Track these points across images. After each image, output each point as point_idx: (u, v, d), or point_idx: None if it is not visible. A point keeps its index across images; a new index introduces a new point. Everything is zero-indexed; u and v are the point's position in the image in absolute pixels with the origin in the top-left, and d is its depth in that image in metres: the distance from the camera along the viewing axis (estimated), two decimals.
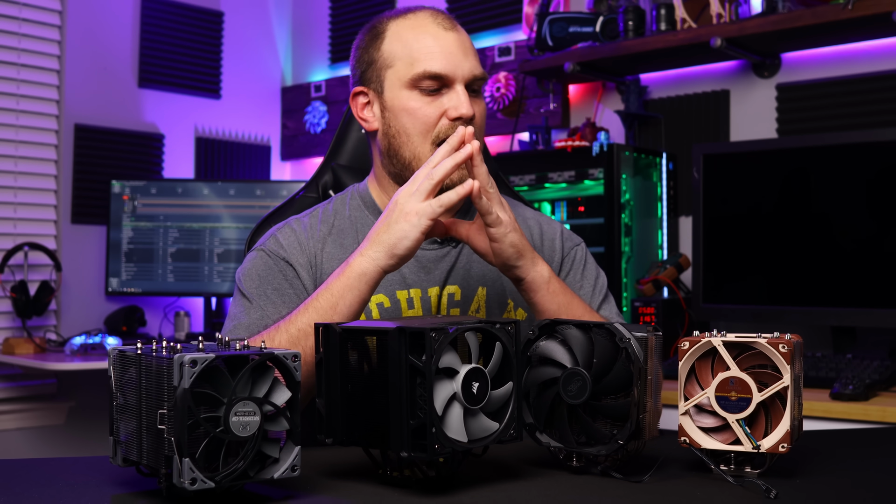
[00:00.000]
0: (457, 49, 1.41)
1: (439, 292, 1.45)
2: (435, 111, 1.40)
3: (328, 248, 1.46)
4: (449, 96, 1.39)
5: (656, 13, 2.78)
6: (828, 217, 2.43)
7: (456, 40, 1.42)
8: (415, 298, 1.44)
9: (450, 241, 1.47)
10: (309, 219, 1.50)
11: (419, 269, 1.45)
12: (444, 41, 1.41)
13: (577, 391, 1.04)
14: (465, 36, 1.44)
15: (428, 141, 1.40)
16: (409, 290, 1.44)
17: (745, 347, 1.03)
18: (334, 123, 4.03)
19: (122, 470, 1.02)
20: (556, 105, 3.24)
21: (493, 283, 1.47)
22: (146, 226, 3.56)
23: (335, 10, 4.10)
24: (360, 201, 1.51)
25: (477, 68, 1.42)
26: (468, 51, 1.42)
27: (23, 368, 3.34)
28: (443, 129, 1.40)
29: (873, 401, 2.06)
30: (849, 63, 2.68)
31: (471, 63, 1.41)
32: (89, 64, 3.62)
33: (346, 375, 1.01)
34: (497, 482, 1.02)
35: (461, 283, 1.46)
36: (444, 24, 1.43)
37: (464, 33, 1.45)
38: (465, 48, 1.42)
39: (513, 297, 1.46)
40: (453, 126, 1.38)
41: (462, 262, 1.47)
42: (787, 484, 1.01)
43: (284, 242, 1.45)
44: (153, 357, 0.92)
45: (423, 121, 1.40)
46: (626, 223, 2.74)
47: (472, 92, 1.42)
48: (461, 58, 1.40)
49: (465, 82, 1.40)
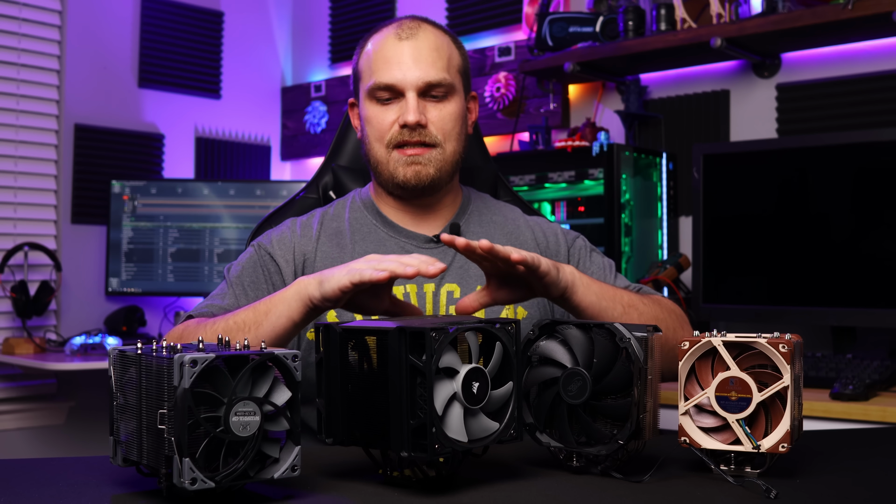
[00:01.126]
0: (408, 58, 1.46)
1: (435, 289, 1.48)
2: (388, 118, 1.48)
3: (323, 248, 1.51)
4: (401, 104, 1.47)
5: (656, 13, 2.78)
6: (828, 217, 2.43)
7: (410, 49, 1.47)
8: (411, 293, 1.47)
9: None
10: (307, 218, 1.56)
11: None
12: (395, 51, 1.47)
13: (578, 391, 1.04)
14: (425, 42, 1.47)
15: (383, 146, 1.48)
16: (406, 286, 1.47)
17: (746, 347, 1.03)
18: (334, 123, 4.03)
19: (122, 470, 1.02)
20: (556, 105, 3.24)
21: None
22: (146, 226, 3.56)
23: (335, 10, 4.10)
24: (361, 204, 1.57)
25: (430, 74, 1.46)
26: (421, 59, 1.46)
27: (23, 368, 3.34)
28: (393, 135, 1.47)
29: (873, 401, 2.06)
30: (849, 63, 2.68)
31: (422, 71, 1.46)
32: (89, 64, 3.62)
33: (346, 375, 1.01)
34: (497, 482, 1.02)
35: (459, 282, 1.49)
36: (403, 33, 1.48)
37: (425, 39, 1.48)
38: (417, 56, 1.46)
39: None
40: (402, 132, 1.46)
41: (459, 261, 1.49)
42: (787, 484, 1.01)
43: (276, 240, 1.51)
44: (153, 357, 0.92)
45: (377, 128, 1.49)
46: (626, 223, 2.74)
47: (434, 97, 1.47)
48: (410, 67, 1.46)
49: (416, 89, 1.46)
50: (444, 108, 1.48)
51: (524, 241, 1.56)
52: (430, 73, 1.46)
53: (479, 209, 1.59)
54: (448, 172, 1.50)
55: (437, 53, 1.48)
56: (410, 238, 1.53)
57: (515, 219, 1.60)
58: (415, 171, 1.47)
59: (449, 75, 1.48)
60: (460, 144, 1.52)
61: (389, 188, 1.52)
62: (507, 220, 1.59)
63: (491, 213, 1.59)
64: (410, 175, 1.47)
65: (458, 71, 1.52)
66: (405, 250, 1.49)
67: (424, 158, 1.47)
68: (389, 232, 1.53)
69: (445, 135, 1.48)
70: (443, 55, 1.49)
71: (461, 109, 1.52)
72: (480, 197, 1.63)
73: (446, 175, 1.50)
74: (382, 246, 1.51)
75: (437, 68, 1.47)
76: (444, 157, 1.48)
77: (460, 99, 1.52)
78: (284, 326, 1.23)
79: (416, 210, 1.54)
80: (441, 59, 1.48)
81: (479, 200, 1.62)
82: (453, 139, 1.49)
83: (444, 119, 1.48)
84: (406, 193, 1.51)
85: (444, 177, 1.49)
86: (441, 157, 1.48)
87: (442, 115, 1.48)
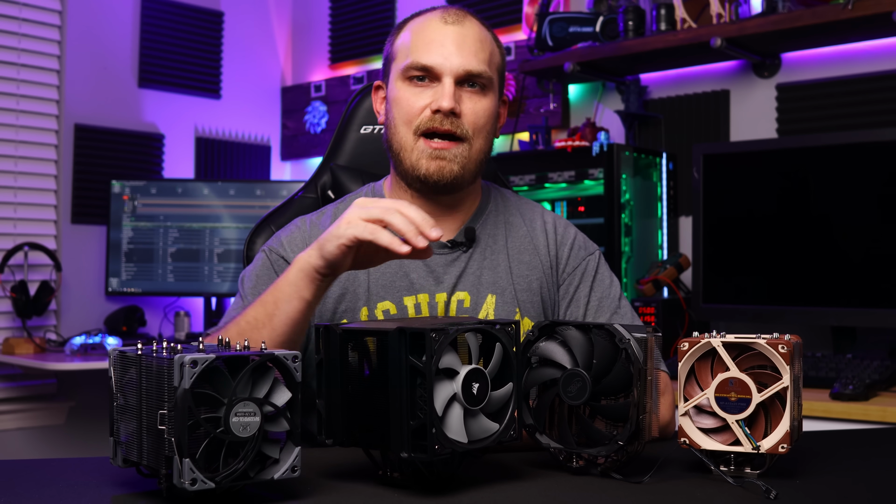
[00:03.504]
0: (451, 43, 1.39)
1: (447, 298, 1.42)
2: (420, 102, 1.39)
3: None
4: (436, 89, 1.39)
5: (656, 13, 2.78)
6: (828, 217, 2.43)
7: (455, 34, 1.39)
8: (422, 304, 1.42)
9: (460, 246, 1.45)
10: (317, 216, 1.49)
11: (427, 273, 1.43)
12: (440, 34, 1.40)
13: (577, 392, 1.04)
14: (470, 31, 1.41)
15: (410, 131, 1.39)
16: (417, 296, 1.42)
17: (745, 348, 1.03)
18: (334, 123, 4.03)
19: (122, 470, 1.02)
20: (556, 105, 3.24)
21: (503, 292, 1.44)
22: (146, 226, 3.56)
23: (335, 10, 4.10)
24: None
25: (472, 64, 1.38)
26: (466, 46, 1.39)
27: (23, 368, 3.34)
28: (423, 121, 1.38)
29: (873, 401, 2.06)
30: (849, 63, 2.68)
31: (464, 58, 1.38)
32: (89, 64, 3.62)
33: (346, 376, 1.01)
34: (497, 483, 1.02)
35: (471, 290, 1.43)
36: (449, 18, 1.41)
37: (471, 29, 1.41)
38: (462, 43, 1.39)
39: (521, 305, 1.44)
40: (434, 118, 1.38)
41: (473, 268, 1.44)
42: (787, 484, 1.01)
43: (286, 242, 1.45)
44: (153, 358, 0.92)
45: (406, 110, 1.40)
46: (626, 223, 2.74)
47: (471, 88, 1.40)
48: (453, 51, 1.38)
49: (455, 76, 1.38)
50: (480, 102, 1.40)
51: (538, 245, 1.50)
52: (473, 62, 1.39)
53: (497, 209, 1.51)
54: (472, 172, 1.42)
55: (480, 45, 1.41)
56: None
57: (533, 220, 1.52)
58: (438, 167, 1.38)
59: (489, 69, 1.41)
60: (488, 144, 1.44)
61: (409, 180, 1.43)
62: (524, 221, 1.51)
63: (508, 214, 1.51)
64: (434, 169, 1.38)
65: (497, 69, 1.45)
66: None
67: (450, 154, 1.38)
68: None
69: (477, 130, 1.40)
70: (486, 48, 1.42)
71: (495, 108, 1.44)
72: (500, 195, 1.55)
73: (469, 174, 1.42)
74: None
75: (479, 59, 1.39)
76: (470, 155, 1.40)
77: (495, 97, 1.44)
78: (298, 309, 1.20)
79: (434, 210, 1.44)
80: (484, 52, 1.41)
81: (498, 200, 1.54)
82: (483, 136, 1.42)
83: (479, 113, 1.40)
84: (426, 188, 1.42)
85: (467, 176, 1.41)
86: (467, 154, 1.39)
87: (476, 108, 1.40)
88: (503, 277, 1.45)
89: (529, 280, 1.46)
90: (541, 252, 1.49)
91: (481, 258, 1.45)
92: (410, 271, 1.42)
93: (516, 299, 1.44)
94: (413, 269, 1.43)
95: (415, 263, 1.43)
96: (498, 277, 1.45)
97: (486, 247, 1.47)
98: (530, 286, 1.46)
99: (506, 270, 1.45)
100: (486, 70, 1.40)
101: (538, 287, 1.47)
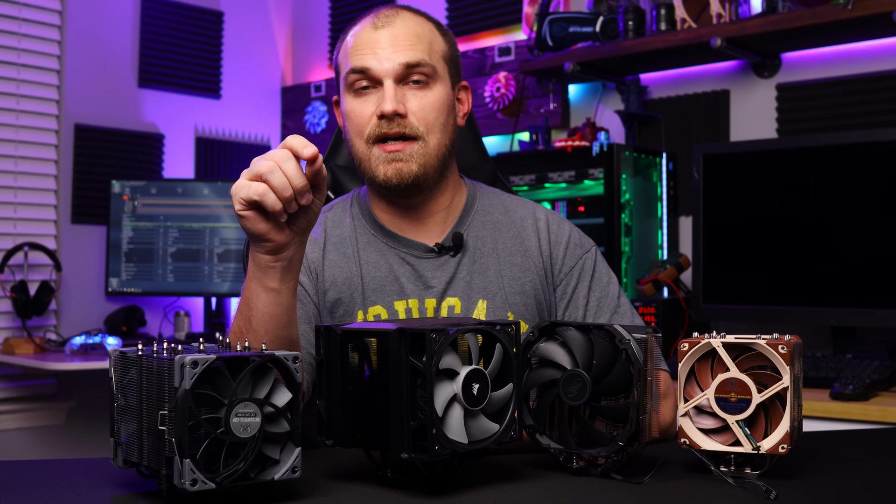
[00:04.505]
0: (386, 43, 1.37)
1: (437, 304, 1.41)
2: (367, 110, 1.38)
3: (330, 257, 1.44)
4: (378, 94, 1.37)
5: (656, 13, 2.78)
6: (828, 217, 2.43)
7: (387, 35, 1.38)
8: (413, 309, 1.40)
9: (447, 250, 1.43)
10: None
11: (416, 278, 1.42)
12: (371, 38, 1.38)
13: (577, 393, 1.04)
14: (402, 29, 1.38)
15: (363, 141, 1.38)
16: (408, 301, 1.40)
17: (745, 348, 1.03)
18: (334, 123, 4.03)
19: (122, 471, 1.02)
20: (556, 105, 3.24)
21: (494, 296, 1.42)
22: (146, 226, 3.56)
23: (335, 10, 4.10)
24: (360, 210, 1.48)
25: (408, 56, 1.36)
26: (399, 43, 1.37)
27: (23, 368, 3.34)
28: (372, 128, 1.37)
29: (873, 401, 2.06)
30: (849, 63, 2.68)
31: (401, 54, 1.36)
32: (89, 64, 3.62)
33: (346, 377, 1.01)
34: (497, 483, 1.02)
35: (461, 296, 1.41)
36: (379, 22, 1.39)
37: (403, 27, 1.39)
38: (395, 42, 1.37)
39: (514, 309, 1.42)
40: (381, 124, 1.36)
41: (462, 273, 1.42)
42: (787, 485, 1.01)
43: None
44: (154, 358, 0.92)
45: (356, 122, 1.39)
46: (626, 223, 2.74)
47: (415, 84, 1.38)
48: (388, 52, 1.36)
49: (394, 76, 1.36)
50: (426, 97, 1.37)
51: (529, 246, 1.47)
52: (408, 54, 1.36)
53: (484, 208, 1.49)
54: (434, 167, 1.38)
55: (415, 38, 1.38)
56: (411, 248, 1.43)
57: (524, 218, 1.49)
58: (396, 169, 1.35)
59: (429, 58, 1.38)
60: (446, 136, 1.40)
61: (376, 188, 1.43)
62: (513, 220, 1.48)
63: (495, 214, 1.48)
64: (392, 173, 1.36)
65: (441, 57, 1.41)
66: (406, 262, 1.42)
67: (405, 154, 1.36)
68: (388, 242, 1.44)
69: (428, 126, 1.36)
70: (423, 40, 1.39)
71: (446, 98, 1.40)
72: (486, 194, 1.52)
73: (432, 170, 1.38)
74: (383, 256, 1.43)
75: (415, 51, 1.37)
76: (428, 151, 1.37)
77: (445, 87, 1.40)
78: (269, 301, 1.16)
79: (409, 213, 1.44)
80: (421, 44, 1.38)
81: (485, 198, 1.50)
82: (437, 130, 1.38)
83: (426, 108, 1.37)
84: (390, 193, 1.41)
85: (429, 173, 1.38)
86: (424, 151, 1.36)
87: (423, 103, 1.37)
88: (493, 282, 1.43)
89: (522, 283, 1.44)
90: (532, 253, 1.46)
91: (471, 262, 1.43)
92: (400, 276, 1.41)
93: (507, 303, 1.42)
94: (402, 273, 1.42)
95: (403, 268, 1.42)
96: (488, 282, 1.43)
97: (474, 250, 1.44)
98: (523, 289, 1.44)
99: (496, 274, 1.43)
100: (423, 58, 1.37)
101: (531, 289, 1.44)
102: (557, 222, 1.50)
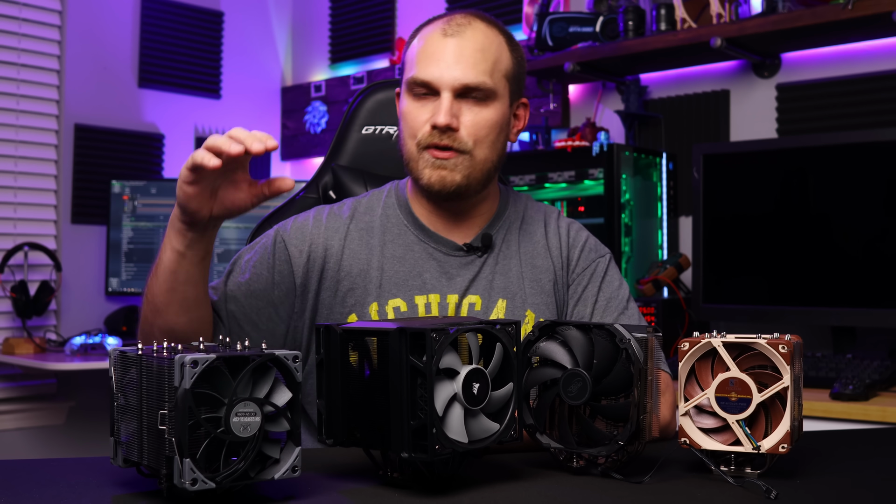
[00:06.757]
0: (449, 56, 1.39)
1: (458, 300, 1.43)
2: (422, 116, 1.40)
3: (351, 246, 1.45)
4: (435, 103, 1.40)
5: (656, 13, 2.78)
6: (828, 217, 2.43)
7: (453, 46, 1.39)
8: (433, 304, 1.42)
9: (475, 250, 1.46)
10: (338, 208, 1.51)
11: (441, 273, 1.44)
12: (438, 47, 1.40)
13: (578, 392, 1.04)
14: (470, 42, 1.40)
15: (414, 144, 1.41)
16: (428, 295, 1.43)
17: (745, 348, 1.03)
18: (334, 123, 4.03)
19: (122, 470, 1.02)
20: (556, 105, 3.24)
21: (514, 296, 1.45)
22: (146, 226, 3.56)
23: (335, 10, 4.10)
24: (396, 201, 1.50)
25: (468, 77, 1.38)
26: (464, 58, 1.39)
27: (23, 368, 3.34)
28: (424, 136, 1.39)
29: (873, 401, 2.06)
30: (849, 63, 2.68)
31: (461, 71, 1.38)
32: (89, 64, 3.62)
33: (346, 376, 1.01)
34: (497, 483, 1.02)
35: (483, 294, 1.44)
36: (449, 29, 1.41)
37: (472, 39, 1.40)
38: (460, 56, 1.39)
39: (533, 308, 1.46)
40: (433, 134, 1.39)
41: (486, 273, 1.45)
42: (787, 484, 1.01)
43: (294, 228, 1.47)
44: (154, 358, 0.92)
45: (410, 125, 1.42)
46: (626, 223, 2.74)
47: (472, 99, 1.40)
48: (450, 65, 1.38)
49: (452, 90, 1.38)
50: (481, 113, 1.40)
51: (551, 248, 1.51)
52: (469, 74, 1.38)
53: (515, 215, 1.53)
54: (478, 180, 1.42)
55: (481, 54, 1.39)
56: (440, 244, 1.46)
57: (548, 223, 1.54)
58: (440, 177, 1.39)
59: (491, 79, 1.39)
60: (494, 153, 1.43)
61: (419, 188, 1.45)
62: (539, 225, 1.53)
63: (524, 220, 1.53)
64: (435, 179, 1.39)
65: (504, 75, 1.42)
66: (433, 257, 1.45)
67: (451, 164, 1.39)
68: (420, 235, 1.47)
69: (478, 141, 1.39)
70: (488, 57, 1.40)
71: (501, 116, 1.42)
72: (517, 200, 1.56)
73: (475, 183, 1.42)
74: (410, 250, 1.45)
75: (477, 70, 1.38)
76: (474, 165, 1.40)
77: (502, 105, 1.42)
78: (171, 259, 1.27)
79: (449, 215, 1.47)
80: (485, 62, 1.39)
81: (517, 205, 1.54)
82: (486, 146, 1.41)
83: (479, 125, 1.39)
84: (431, 196, 1.44)
85: (472, 185, 1.41)
86: (469, 165, 1.40)
87: (476, 119, 1.39)
88: (514, 283, 1.46)
89: (542, 283, 1.48)
90: (553, 254, 1.50)
91: (494, 263, 1.47)
92: (424, 271, 1.44)
93: (526, 303, 1.46)
94: (427, 268, 1.44)
95: (429, 263, 1.45)
96: (509, 282, 1.46)
97: (499, 252, 1.48)
98: (543, 289, 1.47)
99: (518, 276, 1.47)
100: (484, 81, 1.39)
101: (551, 289, 1.48)
102: (576, 229, 1.56)
